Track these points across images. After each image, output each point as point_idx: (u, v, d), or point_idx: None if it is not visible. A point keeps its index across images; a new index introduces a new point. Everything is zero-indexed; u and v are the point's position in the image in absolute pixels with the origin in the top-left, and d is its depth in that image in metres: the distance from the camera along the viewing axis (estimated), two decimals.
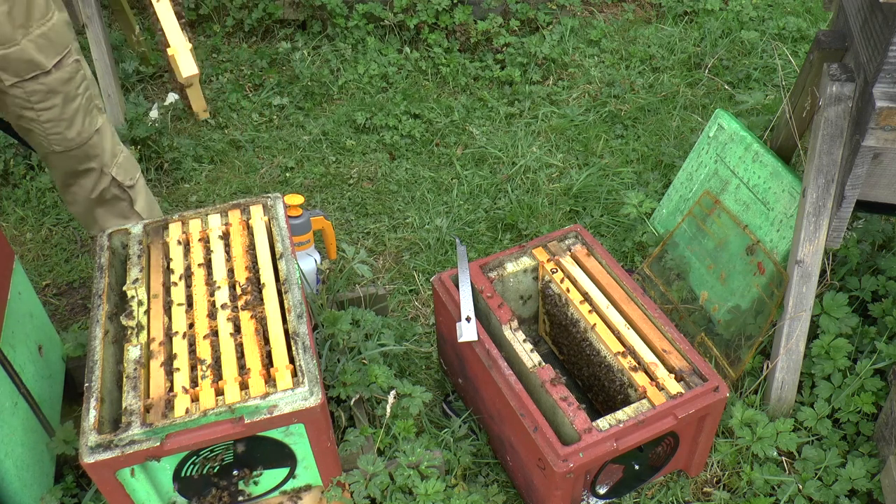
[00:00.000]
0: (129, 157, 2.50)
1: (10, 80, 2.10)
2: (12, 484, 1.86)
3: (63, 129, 2.24)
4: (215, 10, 4.20)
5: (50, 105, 2.19)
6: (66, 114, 2.23)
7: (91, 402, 1.70)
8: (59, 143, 2.26)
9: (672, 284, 2.67)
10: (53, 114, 2.20)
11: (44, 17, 2.11)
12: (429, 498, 1.97)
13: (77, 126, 2.27)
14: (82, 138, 2.29)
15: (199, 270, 2.01)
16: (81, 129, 2.28)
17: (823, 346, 2.31)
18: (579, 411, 1.91)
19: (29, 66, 2.10)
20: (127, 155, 2.49)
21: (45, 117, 2.20)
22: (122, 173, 2.45)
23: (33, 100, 2.16)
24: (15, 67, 2.09)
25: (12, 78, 2.10)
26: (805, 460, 2.22)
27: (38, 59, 2.11)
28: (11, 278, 2.06)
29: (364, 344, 2.27)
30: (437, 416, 2.42)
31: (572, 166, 3.42)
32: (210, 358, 1.80)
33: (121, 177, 2.44)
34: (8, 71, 2.08)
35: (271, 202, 2.18)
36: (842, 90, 2.12)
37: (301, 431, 1.78)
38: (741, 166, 2.63)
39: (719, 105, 3.67)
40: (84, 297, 2.88)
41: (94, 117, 2.33)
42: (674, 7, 4.39)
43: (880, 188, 2.12)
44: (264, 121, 3.71)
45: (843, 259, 2.55)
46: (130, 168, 2.49)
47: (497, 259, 2.32)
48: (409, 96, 3.79)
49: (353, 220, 3.19)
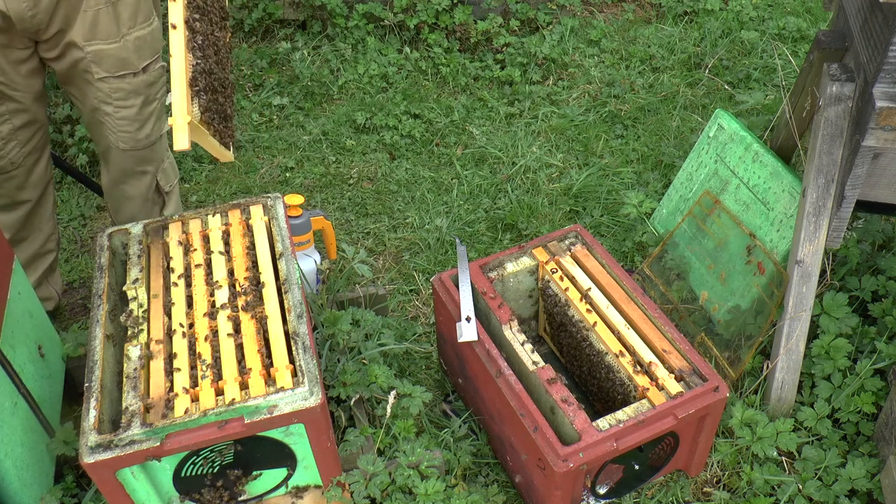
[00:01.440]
0: (173, 162, 2.56)
1: (101, 74, 2.17)
2: (12, 484, 1.86)
3: (135, 129, 2.30)
4: None
5: (130, 104, 2.25)
6: (142, 115, 2.29)
7: (91, 402, 1.70)
8: (126, 141, 2.31)
9: (672, 284, 2.68)
10: (130, 113, 2.26)
11: (146, 20, 2.19)
12: (429, 498, 1.97)
13: (147, 128, 2.32)
14: (149, 140, 2.35)
15: (199, 270, 2.01)
16: (150, 132, 2.34)
17: (823, 346, 2.31)
18: (579, 411, 1.91)
19: (122, 64, 2.17)
20: (172, 161, 2.55)
21: (121, 114, 2.25)
22: (164, 178, 2.51)
23: (115, 96, 2.22)
24: (108, 63, 2.15)
25: (103, 72, 2.16)
26: (805, 460, 2.22)
27: (131, 59, 2.18)
28: (11, 278, 2.06)
29: (364, 344, 2.27)
30: (437, 416, 2.42)
31: (572, 166, 3.42)
32: (210, 358, 1.80)
33: (163, 182, 2.50)
34: (101, 65, 2.15)
35: (271, 202, 2.18)
36: (842, 90, 2.12)
37: (301, 431, 1.78)
38: (741, 166, 2.63)
39: (719, 105, 3.67)
40: (84, 297, 2.87)
41: (163, 123, 2.39)
42: (674, 7, 4.39)
43: (880, 188, 2.12)
44: (264, 121, 3.72)
45: (843, 259, 2.55)
46: (172, 174, 2.55)
47: (497, 259, 2.32)
48: (409, 96, 3.79)
49: (353, 220, 3.19)
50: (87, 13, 2.07)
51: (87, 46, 2.11)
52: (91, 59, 2.14)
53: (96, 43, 2.12)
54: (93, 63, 2.14)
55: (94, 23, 2.09)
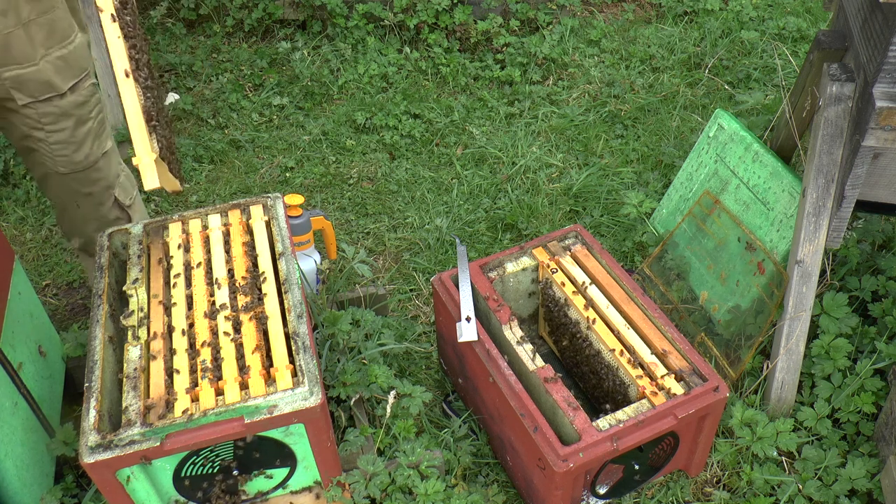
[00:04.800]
0: (129, 174, 2.46)
1: (24, 101, 2.06)
2: (12, 484, 1.86)
3: (71, 151, 2.19)
4: (215, 10, 4.20)
5: (61, 127, 2.14)
6: (77, 137, 2.18)
7: (91, 402, 1.70)
8: (64, 165, 2.21)
9: (672, 284, 2.67)
10: (63, 136, 2.15)
11: (66, 38, 2.08)
12: (429, 498, 1.97)
13: (85, 149, 2.22)
14: (89, 161, 2.25)
15: (199, 270, 2.01)
16: (89, 152, 2.23)
17: (823, 346, 2.31)
18: (579, 411, 1.91)
19: (45, 87, 2.06)
20: (127, 173, 2.45)
21: (54, 139, 2.15)
22: (123, 193, 2.41)
23: (44, 121, 2.11)
24: (30, 88, 2.05)
25: (26, 98, 2.06)
26: (805, 460, 2.22)
27: (54, 81, 2.07)
28: (11, 278, 2.06)
29: (364, 344, 2.27)
30: (437, 416, 2.42)
31: (572, 166, 3.42)
32: (210, 358, 1.80)
33: (122, 197, 2.40)
34: (22, 91, 2.04)
35: (271, 202, 2.18)
36: (842, 90, 2.12)
37: (301, 431, 1.78)
38: (741, 166, 2.63)
39: (719, 105, 3.67)
40: (84, 297, 2.88)
41: (104, 140, 2.29)
42: (674, 7, 4.39)
43: (880, 188, 2.12)
44: (264, 121, 3.72)
45: (843, 259, 2.55)
46: (129, 187, 2.45)
47: (497, 259, 2.32)
48: (409, 96, 3.79)
49: (353, 220, 3.19)
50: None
51: (4, 72, 1.99)
52: (10, 86, 2.02)
53: (13, 68, 1.99)
54: (12, 89, 2.02)
55: (5, 46, 1.96)
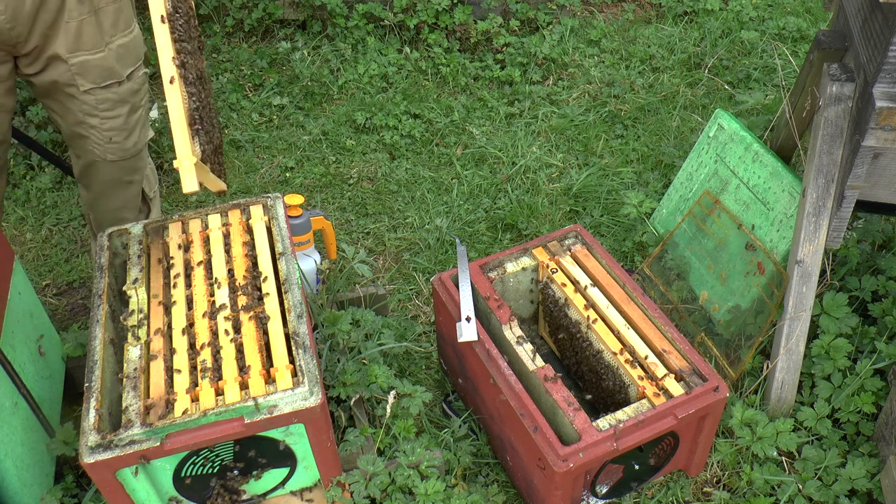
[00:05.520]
0: (153, 167, 2.52)
1: (86, 87, 2.11)
2: (12, 484, 1.86)
3: (122, 138, 2.25)
4: (215, 10, 4.20)
5: (117, 114, 2.20)
6: (129, 124, 2.24)
7: (91, 402, 1.70)
8: (114, 152, 2.26)
9: (672, 284, 2.68)
10: (117, 123, 2.21)
11: (129, 26, 2.15)
12: (429, 498, 1.97)
13: (134, 137, 2.28)
14: (136, 149, 2.31)
15: (199, 270, 2.01)
16: (137, 139, 2.30)
17: (823, 346, 2.31)
18: (579, 411, 1.91)
19: (107, 74, 2.12)
20: (152, 167, 2.51)
21: (108, 125, 2.20)
22: (148, 185, 2.48)
23: (102, 107, 2.16)
24: (93, 74, 2.10)
25: (88, 84, 2.11)
26: (805, 460, 2.22)
27: (116, 68, 2.13)
28: (11, 278, 2.06)
29: (364, 344, 2.27)
30: (437, 416, 2.42)
31: (572, 166, 3.42)
32: (210, 358, 1.80)
33: (147, 188, 2.47)
34: (86, 77, 2.09)
35: (271, 202, 2.18)
36: (842, 90, 2.12)
37: (301, 431, 1.78)
38: (741, 166, 2.63)
39: (719, 105, 3.67)
40: (84, 297, 2.88)
41: (148, 129, 2.36)
42: (674, 7, 4.39)
43: (880, 188, 2.12)
44: (264, 121, 3.72)
45: (843, 259, 2.55)
46: (153, 179, 2.51)
47: (497, 259, 2.32)
48: (409, 96, 3.79)
49: (353, 220, 3.19)
50: (69, 24, 2.01)
51: (72, 58, 2.05)
52: (76, 72, 2.08)
53: (81, 54, 2.06)
54: (77, 75, 2.08)
55: (77, 34, 2.03)
